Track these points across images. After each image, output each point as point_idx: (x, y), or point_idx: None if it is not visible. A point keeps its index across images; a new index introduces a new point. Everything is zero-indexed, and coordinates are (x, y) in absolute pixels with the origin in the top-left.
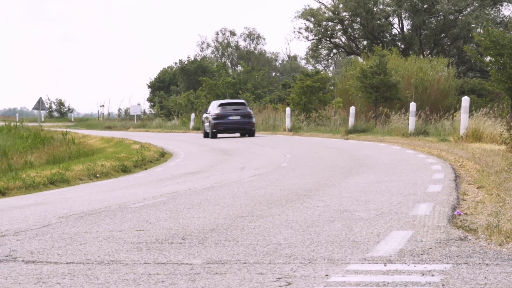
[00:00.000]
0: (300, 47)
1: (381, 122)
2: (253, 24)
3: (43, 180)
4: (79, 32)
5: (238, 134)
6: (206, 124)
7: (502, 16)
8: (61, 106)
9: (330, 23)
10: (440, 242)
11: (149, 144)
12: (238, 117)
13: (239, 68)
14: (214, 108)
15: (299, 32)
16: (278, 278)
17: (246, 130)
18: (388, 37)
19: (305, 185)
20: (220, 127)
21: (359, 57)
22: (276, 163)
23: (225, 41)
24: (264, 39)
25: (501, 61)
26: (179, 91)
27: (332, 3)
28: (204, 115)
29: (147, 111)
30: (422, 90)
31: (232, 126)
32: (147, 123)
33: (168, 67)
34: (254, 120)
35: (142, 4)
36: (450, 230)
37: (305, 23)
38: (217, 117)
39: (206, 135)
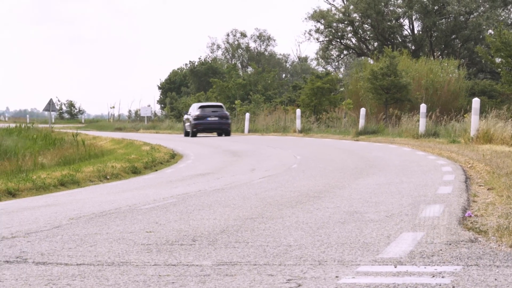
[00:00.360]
0: (310, 49)
1: (391, 123)
2: (264, 26)
3: (54, 181)
4: (88, 34)
5: (215, 134)
6: (187, 124)
7: None
8: (72, 108)
9: (340, 25)
10: (450, 244)
11: (159, 145)
12: (216, 118)
13: (250, 69)
14: (194, 110)
15: (309, 34)
16: (288, 280)
17: (223, 130)
18: (399, 39)
19: (315, 186)
20: (199, 127)
21: (369, 59)
22: (286, 165)
23: (236, 42)
24: (274, 40)
25: None
26: (189, 93)
27: (343, 5)
28: (186, 116)
29: (158, 113)
30: (432, 91)
31: (210, 126)
32: (158, 125)
33: (178, 69)
34: (230, 121)
35: (152, 6)
36: (461, 232)
37: (315, 25)
38: (197, 118)
39: (186, 134)
